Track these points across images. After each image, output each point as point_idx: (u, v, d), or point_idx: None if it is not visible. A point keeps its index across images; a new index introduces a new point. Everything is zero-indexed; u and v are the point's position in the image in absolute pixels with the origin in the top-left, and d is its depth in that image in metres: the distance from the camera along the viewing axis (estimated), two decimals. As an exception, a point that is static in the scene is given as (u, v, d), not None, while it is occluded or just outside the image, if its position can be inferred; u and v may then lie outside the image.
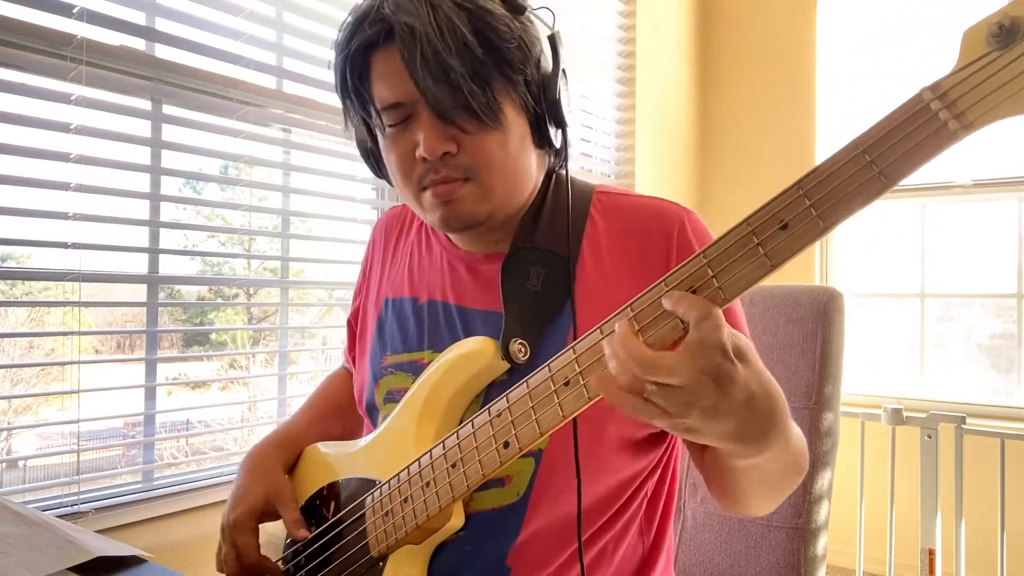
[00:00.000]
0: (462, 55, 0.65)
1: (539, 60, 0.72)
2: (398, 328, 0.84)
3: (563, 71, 0.74)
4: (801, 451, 0.68)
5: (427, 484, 0.69)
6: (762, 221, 0.48)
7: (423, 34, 0.64)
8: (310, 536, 0.81)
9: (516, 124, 0.72)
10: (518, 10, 0.70)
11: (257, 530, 0.82)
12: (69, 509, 1.20)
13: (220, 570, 0.82)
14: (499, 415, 0.63)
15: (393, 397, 0.81)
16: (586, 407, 0.57)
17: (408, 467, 0.71)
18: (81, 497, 1.22)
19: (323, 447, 0.87)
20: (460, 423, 0.70)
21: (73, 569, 0.69)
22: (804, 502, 0.99)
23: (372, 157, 0.81)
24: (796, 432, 0.66)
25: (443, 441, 0.69)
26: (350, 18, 0.71)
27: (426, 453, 0.70)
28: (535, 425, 0.60)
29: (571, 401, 0.57)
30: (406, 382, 0.79)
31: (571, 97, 0.76)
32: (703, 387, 0.50)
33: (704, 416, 0.51)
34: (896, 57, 2.91)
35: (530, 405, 0.60)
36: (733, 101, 3.21)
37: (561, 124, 0.74)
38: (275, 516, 0.83)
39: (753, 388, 0.52)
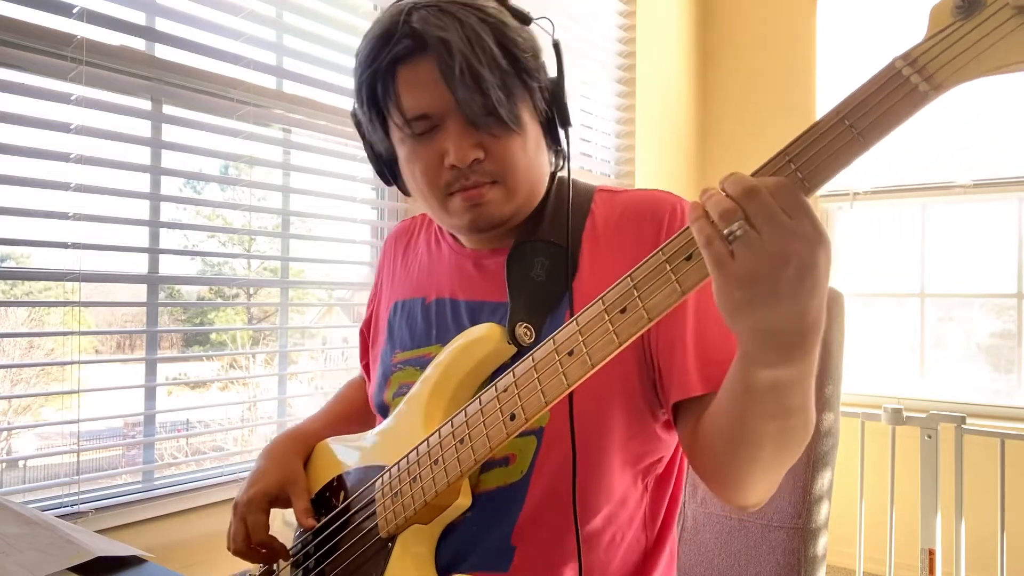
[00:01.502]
0: (491, 66, 0.70)
1: (544, 66, 0.76)
2: (407, 326, 0.87)
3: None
4: (813, 411, 0.64)
5: (435, 462, 0.70)
6: None
7: (459, 47, 0.68)
8: (317, 525, 0.82)
9: (531, 127, 0.76)
10: (525, 20, 0.75)
11: (268, 511, 0.84)
12: (69, 509, 1.20)
13: (229, 547, 0.85)
14: (506, 390, 0.65)
15: (403, 392, 0.83)
16: (588, 375, 0.59)
17: (417, 447, 0.73)
18: (81, 497, 1.22)
19: (333, 442, 0.90)
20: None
21: (73, 569, 0.69)
22: (804, 502, 0.99)
23: (386, 167, 0.84)
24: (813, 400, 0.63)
25: (451, 419, 0.70)
26: (375, 31, 0.73)
27: (434, 432, 0.71)
28: (540, 396, 0.62)
29: (575, 369, 0.60)
30: (415, 376, 0.81)
31: (571, 101, 0.80)
32: (787, 257, 0.47)
33: (768, 290, 0.48)
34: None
35: (535, 376, 0.62)
36: (733, 101, 3.21)
37: (567, 125, 0.79)
38: (288, 503, 0.86)
39: (820, 295, 0.50)
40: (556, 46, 0.77)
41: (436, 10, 0.70)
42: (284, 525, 0.90)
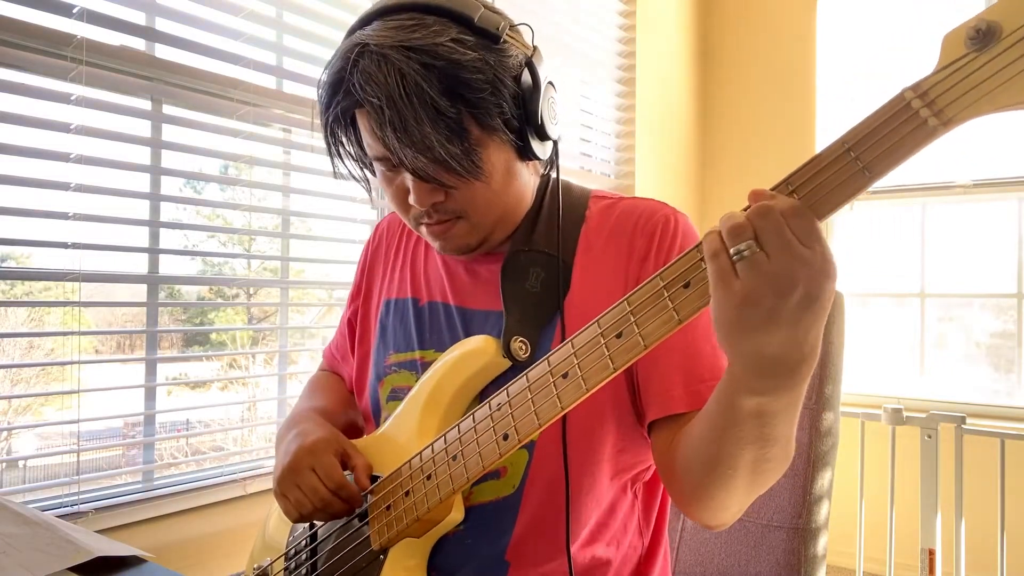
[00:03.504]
0: (434, 121, 0.65)
1: (519, 77, 0.70)
2: (401, 327, 0.86)
3: (549, 83, 0.73)
4: (793, 442, 0.63)
5: (428, 477, 0.70)
6: None
7: (392, 110, 0.64)
8: (369, 488, 0.77)
9: (499, 160, 0.72)
10: (493, 39, 0.68)
11: (335, 456, 0.76)
12: (69, 509, 1.20)
13: (299, 514, 0.75)
14: (499, 408, 0.64)
15: (397, 395, 0.82)
16: (583, 398, 0.58)
17: (410, 461, 0.72)
18: (81, 497, 1.22)
19: None
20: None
21: (73, 569, 0.69)
22: (804, 502, 0.99)
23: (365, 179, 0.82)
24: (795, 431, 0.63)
25: (444, 435, 0.70)
26: (327, 75, 0.70)
27: (427, 447, 0.71)
28: (534, 417, 0.61)
29: (569, 392, 0.59)
30: (410, 380, 0.81)
31: (555, 110, 0.75)
32: (794, 283, 0.46)
33: (769, 314, 0.47)
34: (896, 59, 2.91)
35: (529, 398, 0.62)
36: (733, 101, 3.21)
37: (546, 139, 0.74)
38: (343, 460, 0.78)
39: (819, 326, 0.49)
40: (529, 64, 0.71)
41: (378, 60, 0.65)
42: (280, 521, 0.89)
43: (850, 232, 3.11)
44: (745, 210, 0.49)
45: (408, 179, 0.71)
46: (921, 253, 2.98)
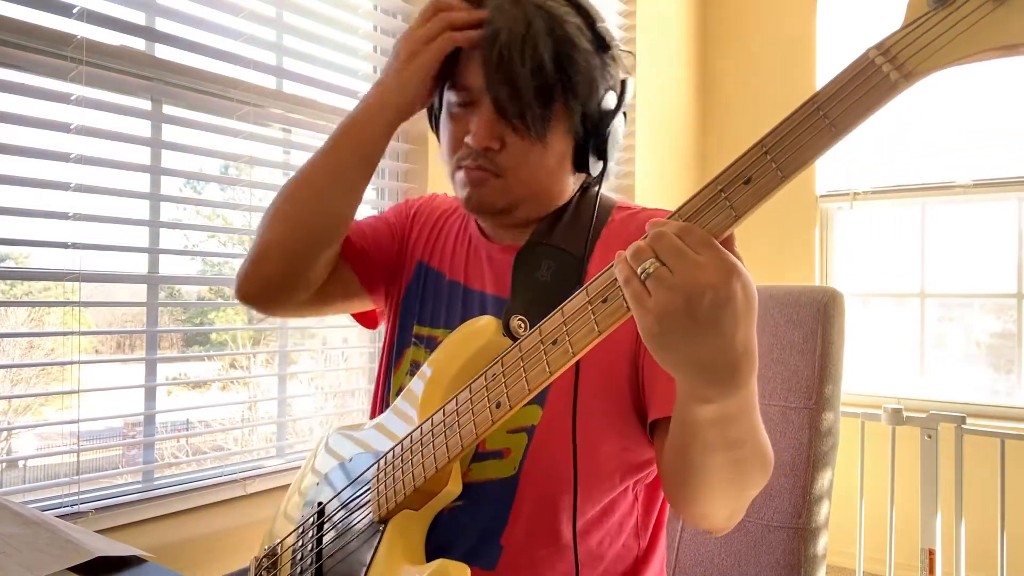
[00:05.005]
0: (534, 72, 0.72)
1: (605, 96, 0.77)
2: (431, 300, 0.89)
3: (624, 113, 0.80)
4: (766, 444, 0.66)
5: (426, 448, 0.72)
6: (729, 179, 0.53)
7: (506, 43, 0.72)
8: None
9: (559, 145, 0.77)
10: (604, 47, 0.77)
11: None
12: (69, 509, 1.20)
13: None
14: (494, 378, 0.66)
15: (413, 370, 0.85)
16: (570, 363, 0.60)
17: (410, 434, 0.74)
18: (81, 497, 1.22)
19: (339, 432, 0.91)
20: None
21: (73, 569, 0.69)
22: (804, 502, 0.99)
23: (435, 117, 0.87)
24: (763, 433, 0.65)
25: (443, 407, 0.72)
26: None
27: (427, 420, 0.73)
28: (524, 383, 0.63)
29: (557, 358, 0.60)
30: (426, 357, 0.83)
31: (619, 139, 0.81)
32: (701, 288, 0.49)
33: (687, 322, 0.50)
34: (896, 57, 2.91)
35: (521, 366, 0.64)
36: (733, 101, 3.21)
37: (603, 158, 0.80)
38: None
39: (744, 325, 0.51)
40: (623, 83, 0.79)
41: (515, 1, 0.73)
42: (285, 520, 0.90)
43: (850, 232, 3.11)
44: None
45: (477, 118, 0.75)
46: (921, 253, 2.98)
